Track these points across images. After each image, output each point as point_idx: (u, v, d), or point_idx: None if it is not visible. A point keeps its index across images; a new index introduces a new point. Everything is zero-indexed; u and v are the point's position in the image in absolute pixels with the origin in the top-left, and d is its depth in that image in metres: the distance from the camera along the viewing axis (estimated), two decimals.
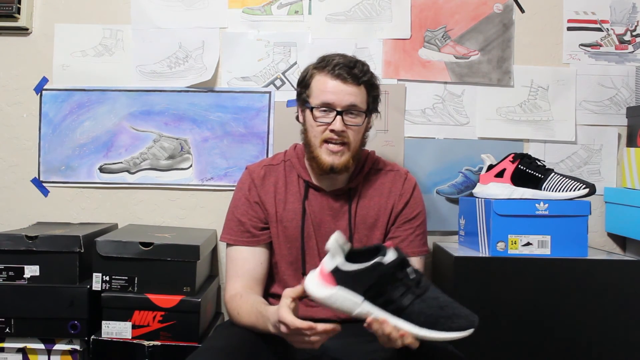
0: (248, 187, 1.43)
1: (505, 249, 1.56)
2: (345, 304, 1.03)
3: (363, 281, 1.02)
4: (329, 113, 1.33)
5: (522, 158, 1.65)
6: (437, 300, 1.04)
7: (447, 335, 1.02)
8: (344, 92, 1.32)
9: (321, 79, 1.34)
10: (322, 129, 1.34)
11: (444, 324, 1.03)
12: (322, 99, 1.33)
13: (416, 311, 1.02)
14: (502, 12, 1.86)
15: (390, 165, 1.48)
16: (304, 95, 1.37)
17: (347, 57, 1.36)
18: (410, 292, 1.03)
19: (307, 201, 1.40)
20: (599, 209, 1.85)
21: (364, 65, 1.36)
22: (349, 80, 1.32)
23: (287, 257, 1.40)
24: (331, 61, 1.33)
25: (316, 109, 1.33)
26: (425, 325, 1.02)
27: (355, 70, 1.33)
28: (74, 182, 1.87)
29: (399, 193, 1.42)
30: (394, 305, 1.02)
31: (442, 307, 1.04)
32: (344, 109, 1.32)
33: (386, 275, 1.02)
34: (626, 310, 1.52)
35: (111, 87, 1.86)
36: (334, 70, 1.32)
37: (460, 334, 1.02)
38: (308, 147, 1.38)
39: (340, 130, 1.31)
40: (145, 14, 1.85)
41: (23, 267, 1.53)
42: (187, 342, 1.50)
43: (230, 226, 1.42)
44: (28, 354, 1.53)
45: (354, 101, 1.33)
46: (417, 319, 1.02)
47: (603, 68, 1.86)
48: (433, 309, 1.03)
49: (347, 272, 1.02)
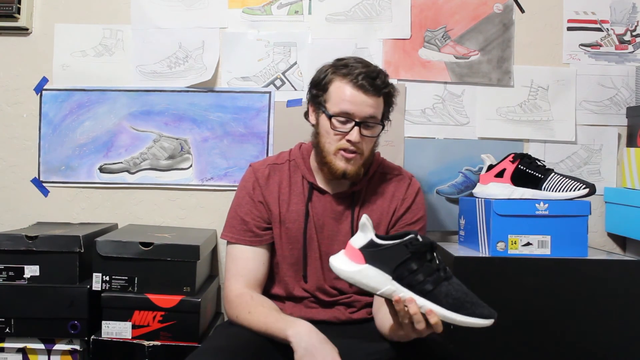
0: (252, 185, 1.41)
1: (505, 249, 1.56)
2: (373, 280, 1.04)
3: (394, 258, 1.03)
4: (347, 122, 1.30)
5: (522, 158, 1.65)
6: (462, 288, 1.06)
7: (471, 320, 1.03)
8: (364, 104, 1.29)
9: (342, 86, 1.30)
10: (338, 138, 1.31)
11: (469, 309, 1.03)
12: (342, 108, 1.29)
13: (444, 292, 1.03)
14: (502, 12, 1.86)
15: (395, 169, 1.47)
16: (321, 98, 1.34)
17: (370, 66, 1.32)
18: (438, 274, 1.04)
19: (311, 203, 1.39)
20: (599, 209, 1.85)
21: (385, 76, 1.33)
22: (371, 92, 1.29)
23: (289, 258, 1.39)
24: (353, 69, 1.29)
25: (335, 117, 1.30)
26: (451, 308, 1.03)
27: (378, 82, 1.30)
28: (74, 182, 1.87)
29: (401, 198, 1.41)
30: (421, 285, 1.03)
31: (467, 293, 1.05)
32: (362, 120, 1.30)
33: (417, 255, 1.03)
34: (626, 310, 1.52)
35: (111, 87, 1.86)
36: (357, 80, 1.28)
37: (483, 322, 1.03)
38: (320, 151, 1.35)
39: (356, 141, 1.30)
40: (145, 14, 1.85)
41: (23, 267, 1.53)
42: (187, 342, 1.49)
43: (233, 224, 1.40)
44: (28, 354, 1.53)
45: (373, 113, 1.30)
46: (445, 301, 1.03)
47: (603, 68, 1.86)
48: (460, 293, 1.04)
49: (378, 248, 1.04)
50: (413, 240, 1.04)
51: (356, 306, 1.39)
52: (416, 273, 1.03)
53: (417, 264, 1.03)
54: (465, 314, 1.03)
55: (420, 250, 1.04)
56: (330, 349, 1.15)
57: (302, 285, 1.39)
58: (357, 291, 1.38)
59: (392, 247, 1.04)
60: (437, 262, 1.05)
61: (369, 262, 1.04)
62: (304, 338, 1.16)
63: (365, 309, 1.39)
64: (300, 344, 1.15)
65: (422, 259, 1.04)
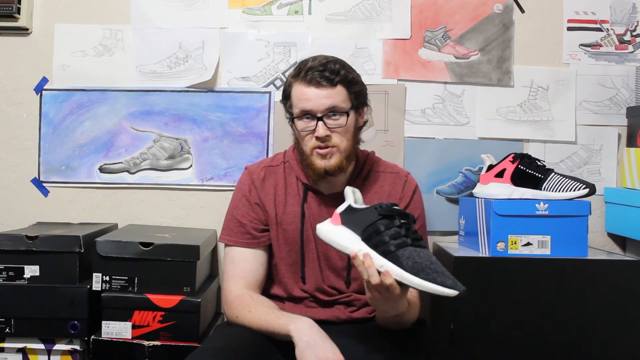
0: (248, 188, 1.42)
1: (505, 249, 1.56)
2: (344, 240, 1.12)
3: (364, 221, 1.11)
4: (310, 120, 1.31)
5: (522, 158, 1.65)
6: (429, 257, 1.06)
7: (428, 285, 1.02)
8: (319, 97, 1.29)
9: (298, 88, 1.32)
10: (309, 138, 1.32)
11: (429, 274, 1.03)
12: (301, 108, 1.31)
13: (406, 255, 1.05)
14: (502, 12, 1.86)
15: (390, 167, 1.47)
16: (287, 106, 1.37)
17: (320, 59, 1.32)
18: (404, 237, 1.07)
19: (306, 204, 1.39)
20: (599, 209, 1.85)
21: (335, 64, 1.32)
22: (323, 84, 1.29)
23: (287, 259, 1.40)
24: (304, 67, 1.31)
25: (298, 119, 1.32)
26: (410, 271, 1.04)
27: (327, 73, 1.29)
28: (74, 182, 1.87)
29: (398, 196, 1.41)
30: (385, 246, 1.07)
31: (433, 262, 1.05)
32: (323, 114, 1.30)
33: (385, 218, 1.09)
34: (626, 310, 1.52)
35: (111, 87, 1.86)
36: (307, 77, 1.30)
37: (441, 289, 1.01)
38: (302, 155, 1.37)
39: (324, 135, 1.30)
40: (145, 14, 1.85)
41: (23, 267, 1.53)
42: (187, 342, 1.49)
43: (230, 227, 1.41)
44: (28, 354, 1.53)
45: (332, 103, 1.30)
46: (405, 263, 1.04)
47: (603, 68, 1.86)
48: (424, 260, 1.05)
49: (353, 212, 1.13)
50: (383, 204, 1.11)
51: (356, 305, 1.39)
52: (382, 235, 1.08)
53: (384, 226, 1.08)
54: (425, 278, 1.02)
55: (388, 214, 1.09)
56: (331, 343, 1.16)
57: (301, 286, 1.39)
58: (356, 290, 1.38)
59: (364, 210, 1.13)
60: (405, 229, 1.08)
61: (344, 223, 1.14)
62: (306, 332, 1.17)
63: (365, 308, 1.39)
64: (301, 337, 1.16)
65: (390, 223, 1.09)
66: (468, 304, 1.51)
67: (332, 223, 1.16)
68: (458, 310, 1.51)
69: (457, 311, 1.51)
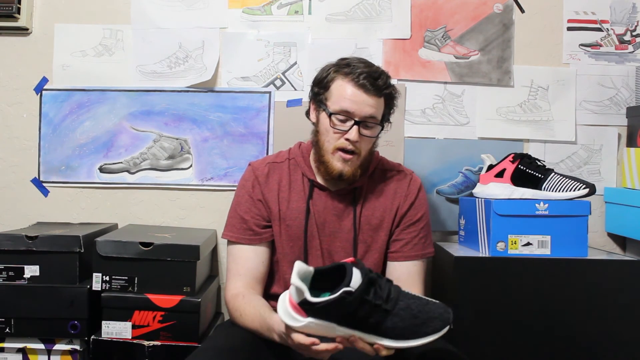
0: (252, 184, 1.42)
1: (505, 249, 1.56)
2: (321, 331, 1.04)
3: (332, 312, 1.02)
4: (346, 121, 1.31)
5: (522, 158, 1.65)
6: (409, 310, 1.05)
7: (423, 341, 1.05)
8: (365, 103, 1.30)
9: (343, 84, 1.31)
10: (337, 136, 1.32)
11: (418, 332, 1.05)
12: (342, 106, 1.30)
13: (390, 327, 1.04)
14: (502, 12, 1.86)
15: (395, 166, 1.48)
16: (322, 96, 1.35)
17: (372, 66, 1.34)
18: (380, 310, 1.04)
19: (312, 200, 1.40)
20: (599, 209, 1.85)
21: (387, 78, 1.34)
22: (372, 92, 1.30)
23: (289, 255, 1.40)
24: (356, 68, 1.31)
25: (334, 115, 1.32)
26: (399, 338, 1.05)
27: (379, 82, 1.31)
28: (74, 182, 1.87)
29: (404, 194, 1.42)
30: (367, 324, 1.04)
31: (415, 315, 1.05)
32: (361, 120, 1.31)
33: (355, 302, 1.01)
34: (626, 310, 1.52)
35: (111, 87, 1.86)
36: (359, 79, 1.29)
37: (436, 336, 1.05)
38: (319, 150, 1.36)
39: (355, 140, 1.30)
40: (145, 14, 1.85)
41: (23, 267, 1.53)
42: (187, 342, 1.49)
43: (233, 223, 1.41)
44: (28, 354, 1.53)
45: (373, 113, 1.31)
46: (392, 333, 1.05)
47: (603, 68, 1.86)
48: (406, 321, 1.05)
49: (314, 306, 1.01)
50: (346, 295, 0.99)
51: None
52: (358, 316, 1.03)
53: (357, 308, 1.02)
54: (416, 337, 1.05)
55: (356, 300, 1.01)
56: None
57: None
58: None
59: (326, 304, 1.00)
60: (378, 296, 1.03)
61: (310, 315, 1.02)
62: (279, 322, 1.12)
63: None
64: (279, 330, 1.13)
65: (361, 301, 1.02)
66: (468, 304, 1.51)
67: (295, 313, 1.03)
68: (458, 310, 1.51)
69: (457, 311, 1.51)
